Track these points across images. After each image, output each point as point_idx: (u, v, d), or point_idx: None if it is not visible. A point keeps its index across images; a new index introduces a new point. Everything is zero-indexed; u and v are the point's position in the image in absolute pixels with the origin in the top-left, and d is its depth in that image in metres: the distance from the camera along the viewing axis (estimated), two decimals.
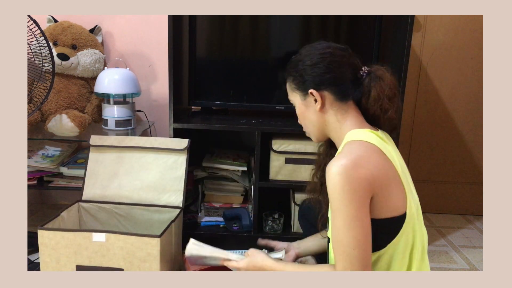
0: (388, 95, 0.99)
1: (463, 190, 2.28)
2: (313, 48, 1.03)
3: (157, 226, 1.53)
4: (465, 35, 2.08)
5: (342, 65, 1.00)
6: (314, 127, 1.07)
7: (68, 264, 1.29)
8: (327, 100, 1.01)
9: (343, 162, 0.88)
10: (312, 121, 1.06)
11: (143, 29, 1.99)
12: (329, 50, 1.01)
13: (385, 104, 0.99)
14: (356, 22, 1.75)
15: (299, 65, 1.03)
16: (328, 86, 1.00)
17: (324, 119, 1.03)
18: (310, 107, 1.04)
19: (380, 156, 0.93)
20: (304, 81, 1.02)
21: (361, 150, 0.92)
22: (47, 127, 1.70)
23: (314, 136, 1.10)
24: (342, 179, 0.86)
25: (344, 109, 1.01)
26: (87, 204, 1.56)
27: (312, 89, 1.00)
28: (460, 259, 1.80)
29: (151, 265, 1.27)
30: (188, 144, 1.56)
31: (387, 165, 0.93)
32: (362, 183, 0.87)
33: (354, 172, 0.87)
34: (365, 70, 1.02)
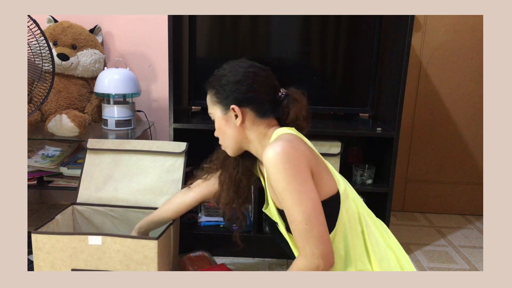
0: (304, 116, 1.08)
1: (463, 190, 2.28)
2: (238, 65, 1.08)
3: None
4: (465, 35, 2.08)
5: (263, 85, 1.07)
6: (232, 141, 1.11)
7: (63, 268, 1.28)
8: (248, 116, 1.06)
9: (280, 143, 0.93)
10: (230, 135, 1.10)
11: (143, 29, 1.99)
12: (253, 69, 1.07)
13: (301, 124, 1.08)
14: (356, 22, 1.75)
15: (222, 79, 1.07)
16: (250, 103, 1.05)
17: (243, 134, 1.08)
18: (230, 122, 1.08)
19: (305, 144, 1.01)
20: (227, 96, 1.06)
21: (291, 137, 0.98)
22: (47, 127, 1.69)
23: (231, 150, 1.13)
24: (282, 157, 0.91)
25: (266, 123, 1.08)
26: (81, 207, 1.54)
27: (234, 105, 1.05)
28: (460, 259, 1.80)
29: (149, 268, 1.27)
30: (186, 148, 1.56)
31: (311, 150, 1.01)
32: (300, 159, 0.93)
33: (292, 150, 0.93)
34: (283, 92, 1.09)
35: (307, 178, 0.93)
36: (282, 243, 1.15)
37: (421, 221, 2.20)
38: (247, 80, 1.05)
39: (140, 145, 1.58)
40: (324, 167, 1.01)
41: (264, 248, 1.70)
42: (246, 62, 1.10)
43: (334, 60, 1.81)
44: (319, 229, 0.91)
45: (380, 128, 1.65)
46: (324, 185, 0.98)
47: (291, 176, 0.91)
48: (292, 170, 0.91)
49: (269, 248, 1.70)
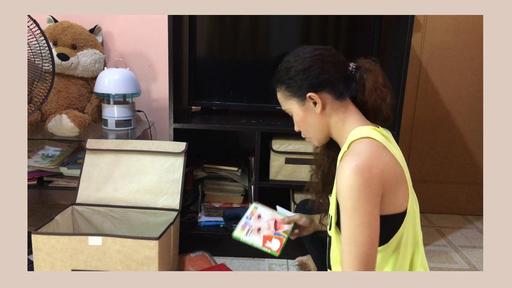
0: (382, 83, 1.01)
1: (463, 190, 2.27)
2: (301, 53, 1.04)
3: (153, 229, 1.53)
4: (465, 35, 2.08)
5: (333, 64, 1.02)
6: (316, 131, 1.06)
7: (63, 269, 1.28)
8: (327, 101, 1.01)
9: (357, 162, 0.88)
10: (313, 125, 1.05)
11: (143, 29, 1.99)
12: (318, 51, 1.02)
13: (382, 92, 1.01)
14: (356, 22, 1.75)
15: (291, 71, 1.03)
16: (325, 87, 1.00)
17: (325, 121, 1.03)
18: (310, 111, 1.03)
19: (387, 153, 0.94)
20: (300, 86, 1.02)
21: (370, 149, 0.92)
22: (47, 127, 1.69)
23: (317, 140, 1.09)
24: (358, 178, 0.87)
25: (344, 106, 1.02)
26: (81, 207, 1.55)
27: (311, 93, 1.01)
28: (460, 259, 1.80)
29: (149, 268, 1.27)
30: (185, 148, 1.56)
31: (393, 162, 0.94)
32: (376, 182, 0.88)
33: (368, 172, 0.87)
34: (353, 66, 1.04)
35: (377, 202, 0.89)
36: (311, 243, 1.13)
37: (421, 221, 2.20)
38: (316, 63, 1.01)
39: (140, 145, 1.58)
40: (403, 181, 0.95)
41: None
42: (307, 47, 1.05)
43: None
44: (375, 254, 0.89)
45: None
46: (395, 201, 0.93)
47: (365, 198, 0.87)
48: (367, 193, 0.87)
49: None
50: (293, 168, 1.66)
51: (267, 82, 1.79)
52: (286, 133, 1.67)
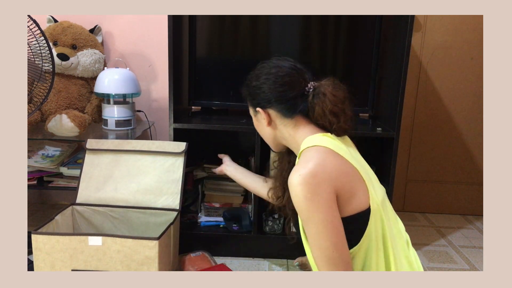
0: (332, 111, 1.03)
1: (463, 190, 2.28)
2: (261, 68, 1.11)
3: (153, 229, 1.53)
4: (465, 35, 2.08)
5: (286, 84, 1.05)
6: (268, 139, 1.17)
7: (63, 269, 1.28)
8: (274, 116, 1.09)
9: (301, 172, 0.91)
10: (264, 134, 1.16)
11: (143, 29, 1.99)
12: (274, 70, 1.07)
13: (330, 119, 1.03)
14: (356, 22, 1.75)
15: (250, 83, 1.12)
16: (273, 104, 1.07)
17: (275, 133, 1.12)
18: (261, 122, 1.13)
19: (336, 157, 0.96)
20: (253, 99, 1.12)
21: (316, 157, 0.95)
22: (47, 127, 1.69)
23: (272, 147, 1.20)
24: (304, 188, 0.90)
25: (292, 123, 1.07)
26: (81, 207, 1.54)
27: (259, 108, 1.10)
28: (460, 259, 1.80)
29: (149, 268, 1.27)
30: (185, 148, 1.56)
31: (344, 164, 0.97)
32: (323, 186, 0.90)
33: (313, 179, 0.90)
34: (311, 86, 1.06)
35: (330, 206, 0.91)
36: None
37: (421, 221, 2.20)
38: (267, 82, 1.07)
39: (140, 145, 1.58)
40: (359, 182, 0.97)
41: (264, 248, 1.70)
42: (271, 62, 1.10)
43: (334, 60, 1.81)
44: (345, 255, 0.91)
45: (380, 128, 1.65)
46: (355, 200, 0.95)
47: (314, 207, 0.90)
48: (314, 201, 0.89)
49: (269, 248, 1.70)
50: None
51: None
52: None
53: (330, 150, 0.97)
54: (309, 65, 1.82)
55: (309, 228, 0.92)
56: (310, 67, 1.14)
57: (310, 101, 1.05)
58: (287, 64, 1.08)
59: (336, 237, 0.90)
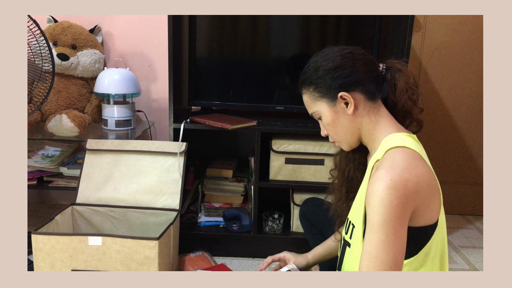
0: (414, 84, 0.97)
1: (463, 190, 2.27)
2: (329, 52, 0.99)
3: (153, 229, 1.53)
4: (465, 35, 2.08)
5: (364, 63, 0.97)
6: (347, 133, 1.00)
7: (63, 269, 1.28)
8: (359, 101, 0.96)
9: (392, 177, 0.83)
10: (344, 127, 0.99)
11: (143, 29, 1.99)
12: (347, 50, 0.98)
13: (413, 94, 0.97)
14: (356, 22, 1.75)
15: (319, 71, 0.97)
16: (357, 86, 0.95)
17: (357, 123, 0.98)
18: (341, 112, 0.98)
19: (423, 164, 0.88)
20: (330, 85, 0.96)
21: (406, 160, 0.87)
22: (47, 127, 1.69)
23: (347, 144, 1.03)
24: (392, 193, 0.82)
25: (376, 108, 0.97)
26: (81, 207, 1.55)
27: (342, 92, 0.95)
28: (460, 259, 1.80)
29: (149, 268, 1.27)
30: (185, 148, 1.56)
31: (428, 174, 0.89)
32: (410, 198, 0.83)
33: (403, 187, 0.82)
34: (383, 66, 1.00)
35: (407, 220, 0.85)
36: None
37: None
38: (347, 62, 0.96)
39: (140, 145, 1.58)
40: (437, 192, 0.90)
41: (264, 248, 1.70)
42: (334, 47, 1.00)
43: None
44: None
45: None
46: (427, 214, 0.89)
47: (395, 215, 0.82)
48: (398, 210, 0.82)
49: (269, 248, 1.70)
50: (293, 168, 1.66)
51: (267, 82, 1.81)
52: (286, 133, 1.67)
53: (418, 155, 0.89)
54: None
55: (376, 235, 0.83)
56: None
57: (390, 79, 0.98)
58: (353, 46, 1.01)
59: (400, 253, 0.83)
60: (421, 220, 0.88)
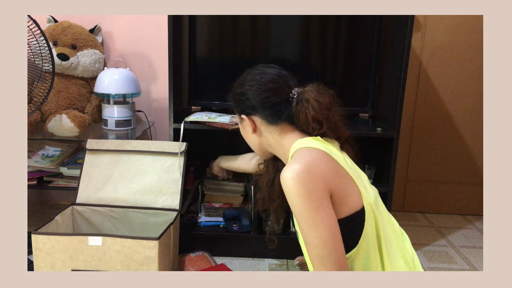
0: (315, 118, 1.01)
1: (463, 190, 2.27)
2: (247, 74, 1.10)
3: (153, 229, 1.53)
4: (465, 35, 2.08)
5: (270, 90, 1.04)
6: (254, 147, 1.15)
7: (63, 269, 1.28)
8: (259, 123, 1.08)
9: (295, 166, 0.90)
10: (251, 141, 1.14)
11: (143, 29, 1.99)
12: (258, 76, 1.06)
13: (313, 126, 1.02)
14: (356, 22, 1.75)
15: (234, 91, 1.12)
16: (257, 111, 1.06)
17: (261, 140, 1.10)
18: (246, 129, 1.12)
19: (328, 157, 0.96)
20: (237, 106, 1.11)
21: (310, 155, 0.94)
22: (47, 127, 1.70)
23: (258, 154, 1.18)
24: (297, 182, 0.88)
25: (278, 130, 1.06)
26: (81, 207, 1.54)
27: (243, 115, 1.09)
28: (460, 259, 1.80)
29: (149, 268, 1.27)
30: (185, 148, 1.56)
31: (335, 165, 0.96)
32: (316, 183, 0.89)
33: (307, 174, 0.89)
34: (295, 93, 1.05)
35: (323, 203, 0.90)
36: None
37: (421, 221, 2.20)
38: (249, 89, 1.06)
39: (140, 146, 1.58)
40: (351, 183, 0.96)
41: (264, 248, 1.70)
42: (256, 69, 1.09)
43: (334, 60, 1.81)
44: (337, 254, 0.89)
45: (380, 128, 1.65)
46: (348, 201, 0.94)
47: (306, 202, 0.88)
48: (307, 196, 0.88)
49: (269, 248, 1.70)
50: None
51: None
52: None
53: (322, 151, 0.96)
54: (309, 65, 1.83)
55: (300, 224, 0.91)
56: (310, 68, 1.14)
57: (294, 108, 1.03)
58: (271, 70, 1.08)
59: (326, 235, 0.88)
60: (344, 208, 0.93)
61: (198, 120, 1.60)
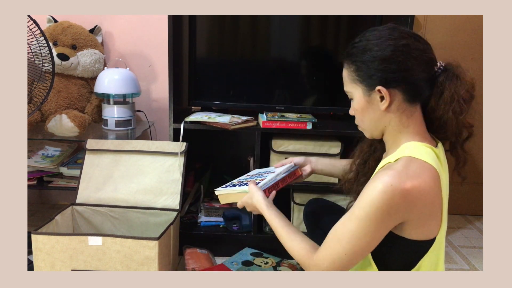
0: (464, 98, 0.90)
1: (463, 190, 2.27)
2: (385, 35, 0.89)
3: (153, 229, 1.53)
4: (465, 35, 2.08)
5: (417, 62, 0.88)
6: (372, 125, 0.96)
7: (63, 269, 1.28)
8: (396, 100, 0.89)
9: (394, 182, 0.80)
10: (372, 119, 0.94)
11: (143, 29, 1.99)
12: (404, 41, 0.88)
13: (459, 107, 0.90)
14: (356, 22, 1.75)
15: (366, 54, 0.89)
16: (400, 84, 0.88)
17: (386, 119, 0.92)
18: (374, 104, 0.91)
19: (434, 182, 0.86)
20: (371, 75, 0.89)
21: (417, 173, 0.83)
22: (47, 127, 1.69)
23: (369, 133, 0.99)
24: (385, 199, 0.79)
25: (411, 111, 0.91)
26: (81, 208, 1.55)
27: (381, 87, 0.88)
28: (460, 259, 1.80)
29: (149, 268, 1.27)
30: (185, 148, 1.56)
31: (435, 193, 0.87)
32: (400, 211, 0.81)
33: (399, 198, 0.80)
34: (441, 66, 0.92)
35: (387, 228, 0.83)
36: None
37: None
38: (399, 56, 0.86)
39: (140, 146, 1.58)
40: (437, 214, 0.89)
41: (264, 248, 1.70)
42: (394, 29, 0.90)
43: (334, 60, 1.81)
44: (348, 265, 0.85)
45: None
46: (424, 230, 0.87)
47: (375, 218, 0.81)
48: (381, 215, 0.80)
49: (269, 248, 1.70)
50: None
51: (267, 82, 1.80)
52: (286, 133, 1.67)
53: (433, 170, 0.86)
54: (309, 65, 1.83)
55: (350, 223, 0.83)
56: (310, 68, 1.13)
57: (439, 84, 0.89)
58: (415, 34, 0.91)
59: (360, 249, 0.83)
60: (414, 233, 0.86)
61: (198, 120, 1.60)
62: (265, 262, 1.61)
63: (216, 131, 1.62)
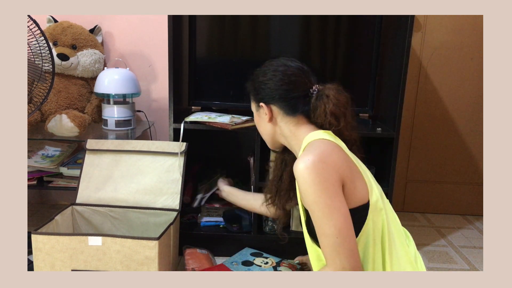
0: (333, 112, 1.06)
1: (463, 190, 2.27)
2: (268, 65, 1.13)
3: (153, 229, 1.53)
4: (465, 35, 2.08)
5: (292, 83, 1.08)
6: (267, 135, 1.18)
7: (63, 269, 1.28)
8: (276, 113, 1.11)
9: (309, 157, 0.93)
10: (265, 129, 1.17)
11: (143, 29, 1.99)
12: (282, 68, 1.10)
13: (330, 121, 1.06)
14: (356, 22, 1.75)
15: (256, 78, 1.14)
16: (276, 101, 1.09)
17: (276, 129, 1.14)
18: (262, 117, 1.15)
19: (339, 150, 1.00)
20: (257, 93, 1.13)
21: (323, 146, 0.98)
22: (47, 127, 1.69)
23: (268, 143, 1.21)
24: (312, 172, 0.91)
25: (294, 121, 1.10)
26: (81, 208, 1.54)
27: (262, 103, 1.12)
28: (460, 259, 1.80)
29: (149, 268, 1.27)
30: (185, 148, 1.56)
31: (346, 157, 1.00)
32: (330, 173, 0.93)
33: (321, 164, 0.92)
34: (315, 89, 1.09)
35: (337, 192, 0.93)
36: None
37: (421, 221, 2.20)
38: (275, 78, 1.09)
39: (140, 146, 1.58)
40: (359, 176, 1.00)
41: (264, 248, 1.70)
42: (279, 60, 1.13)
43: (334, 60, 1.81)
44: (350, 242, 0.91)
45: (380, 128, 1.65)
46: (356, 193, 0.98)
47: (320, 191, 0.91)
48: (322, 185, 0.91)
49: (270, 248, 1.70)
50: None
51: None
52: None
53: (334, 143, 1.00)
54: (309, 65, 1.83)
55: (314, 213, 0.93)
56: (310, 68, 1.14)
57: (313, 102, 1.08)
58: (294, 64, 1.12)
59: (340, 223, 0.91)
60: (352, 200, 0.96)
61: (198, 120, 1.60)
62: (265, 262, 1.60)
63: (216, 131, 1.62)
